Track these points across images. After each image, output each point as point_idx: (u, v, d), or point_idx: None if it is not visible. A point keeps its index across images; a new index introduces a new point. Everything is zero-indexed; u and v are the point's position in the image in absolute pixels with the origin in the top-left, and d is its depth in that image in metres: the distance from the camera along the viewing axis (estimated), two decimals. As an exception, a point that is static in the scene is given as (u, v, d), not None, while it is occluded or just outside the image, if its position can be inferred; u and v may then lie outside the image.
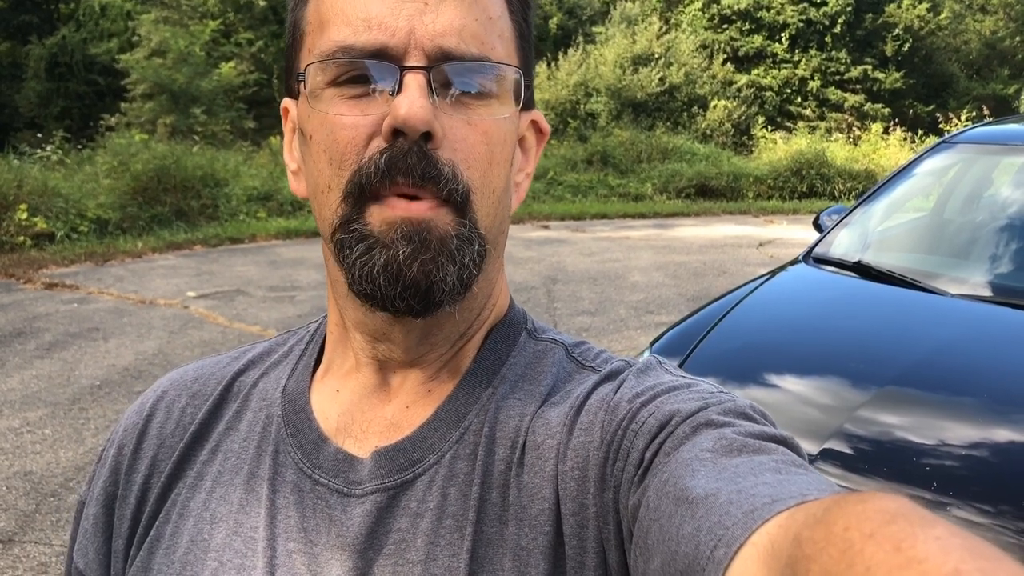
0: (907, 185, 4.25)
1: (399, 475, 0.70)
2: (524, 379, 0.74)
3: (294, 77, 0.71)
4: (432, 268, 0.65)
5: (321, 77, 0.67)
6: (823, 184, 15.88)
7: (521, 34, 0.72)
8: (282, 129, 0.78)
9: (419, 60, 0.64)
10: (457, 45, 0.65)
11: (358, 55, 0.65)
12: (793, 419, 2.63)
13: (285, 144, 0.77)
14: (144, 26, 17.15)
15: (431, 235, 0.65)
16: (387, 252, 0.65)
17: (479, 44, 0.66)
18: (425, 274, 0.65)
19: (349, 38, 0.65)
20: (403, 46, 0.64)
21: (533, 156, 0.79)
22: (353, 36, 0.65)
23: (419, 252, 0.64)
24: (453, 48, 0.65)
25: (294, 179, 0.76)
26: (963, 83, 23.75)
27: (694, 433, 0.61)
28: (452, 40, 0.65)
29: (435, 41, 0.64)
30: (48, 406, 5.16)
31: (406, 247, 0.64)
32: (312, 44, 0.68)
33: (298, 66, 0.71)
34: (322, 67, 0.66)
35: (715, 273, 9.01)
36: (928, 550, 0.35)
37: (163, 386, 0.84)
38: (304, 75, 0.68)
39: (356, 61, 0.65)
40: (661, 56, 19.84)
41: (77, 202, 10.44)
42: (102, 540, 0.79)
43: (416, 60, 0.64)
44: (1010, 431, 2.52)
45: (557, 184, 15.14)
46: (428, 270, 0.65)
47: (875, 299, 3.43)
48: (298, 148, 0.74)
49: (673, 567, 0.52)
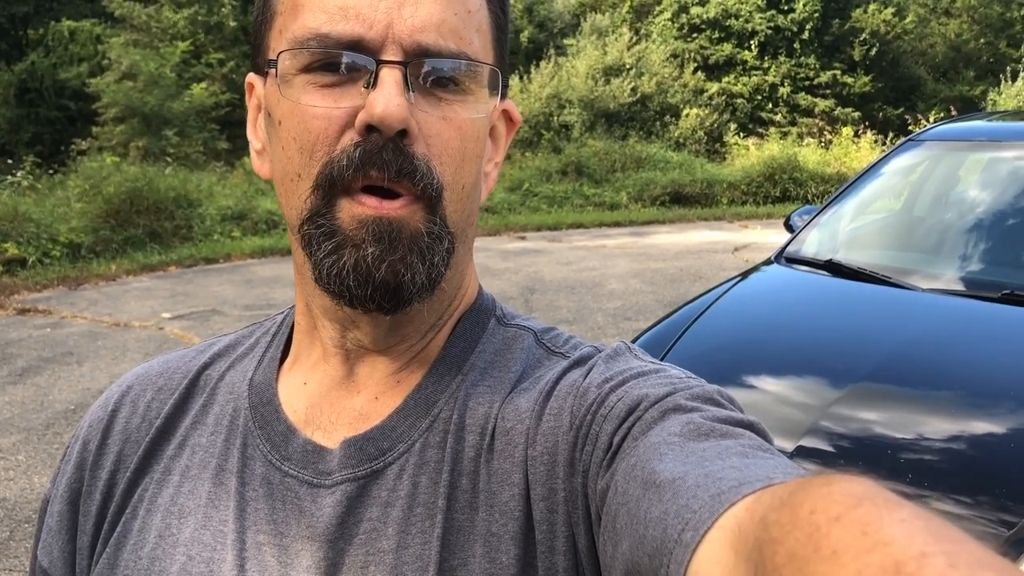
0: (876, 183, 4.29)
1: (369, 464, 0.70)
2: (493, 366, 0.74)
3: (263, 56, 0.70)
4: (401, 268, 0.65)
5: (292, 63, 0.65)
6: (796, 188, 16.00)
7: (498, 25, 0.71)
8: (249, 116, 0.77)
9: (396, 54, 0.63)
10: (435, 41, 0.64)
11: (333, 45, 0.64)
12: (768, 417, 2.64)
13: (249, 121, 0.76)
14: (114, 49, 17.08)
15: (401, 234, 0.64)
16: (356, 252, 0.64)
17: (457, 39, 0.66)
18: (394, 274, 0.64)
19: (324, 26, 0.64)
20: (380, 39, 0.63)
21: (503, 145, 0.78)
22: (329, 24, 0.64)
23: (387, 253, 0.64)
24: (431, 44, 0.64)
25: (258, 159, 0.75)
26: (930, 85, 24.02)
27: (662, 418, 0.61)
28: (431, 36, 0.64)
29: (413, 36, 0.64)
30: (21, 432, 5.09)
31: (375, 247, 0.64)
32: (284, 26, 0.67)
33: (267, 45, 0.70)
34: (294, 53, 0.65)
35: (691, 279, 9.04)
36: (894, 533, 0.35)
37: (128, 381, 0.83)
38: (276, 62, 0.66)
39: (330, 51, 0.64)
40: (632, 66, 19.96)
41: (49, 227, 10.33)
42: (67, 538, 0.78)
43: (393, 54, 0.63)
44: (984, 422, 2.54)
45: (533, 195, 15.17)
46: (397, 270, 0.65)
47: (847, 296, 3.45)
48: (264, 128, 0.73)
49: (641, 550, 0.52)
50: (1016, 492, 2.22)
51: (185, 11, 19.55)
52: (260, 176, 0.74)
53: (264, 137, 0.73)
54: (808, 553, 0.37)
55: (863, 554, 0.35)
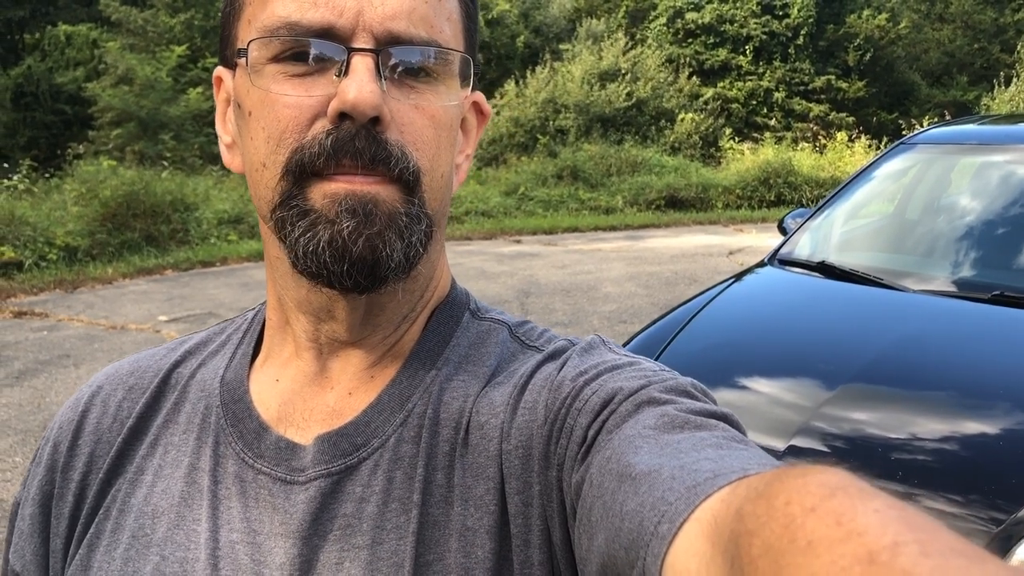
0: (869, 186, 4.31)
1: (343, 460, 0.69)
2: (468, 360, 0.74)
3: (231, 48, 0.70)
4: (379, 243, 0.64)
5: (262, 52, 0.65)
6: (791, 192, 16.03)
7: (468, 14, 0.71)
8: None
9: (367, 42, 0.63)
10: (406, 28, 0.64)
11: (303, 33, 0.63)
12: (760, 416, 2.66)
13: (218, 116, 0.75)
14: (110, 54, 17.05)
15: (377, 209, 0.64)
16: (331, 228, 0.63)
17: (428, 27, 0.65)
18: (372, 249, 0.64)
19: (294, 14, 0.63)
20: (351, 27, 0.63)
21: (474, 137, 0.78)
22: (299, 12, 0.63)
23: (363, 226, 0.63)
24: (402, 31, 0.64)
25: (228, 152, 0.75)
26: (924, 91, 24.11)
27: (637, 410, 0.61)
28: (401, 23, 0.64)
29: (384, 24, 0.63)
30: (18, 434, 5.10)
31: (350, 220, 0.63)
32: (253, 15, 0.67)
33: (235, 36, 0.69)
34: (264, 42, 0.64)
35: (686, 282, 9.06)
36: (868, 523, 0.36)
37: (98, 381, 0.81)
38: (246, 51, 0.66)
39: (301, 39, 0.63)
40: (628, 71, 19.98)
41: (45, 230, 10.31)
42: (39, 541, 0.77)
43: (364, 42, 0.63)
44: (973, 421, 2.56)
45: (528, 199, 15.17)
46: (375, 244, 0.64)
47: (839, 297, 3.47)
48: (233, 121, 0.72)
49: (617, 543, 0.52)
50: (1005, 490, 2.24)
51: (181, 15, 19.55)
52: (231, 170, 0.74)
53: (234, 130, 0.73)
54: (784, 544, 0.37)
55: (837, 544, 0.35)
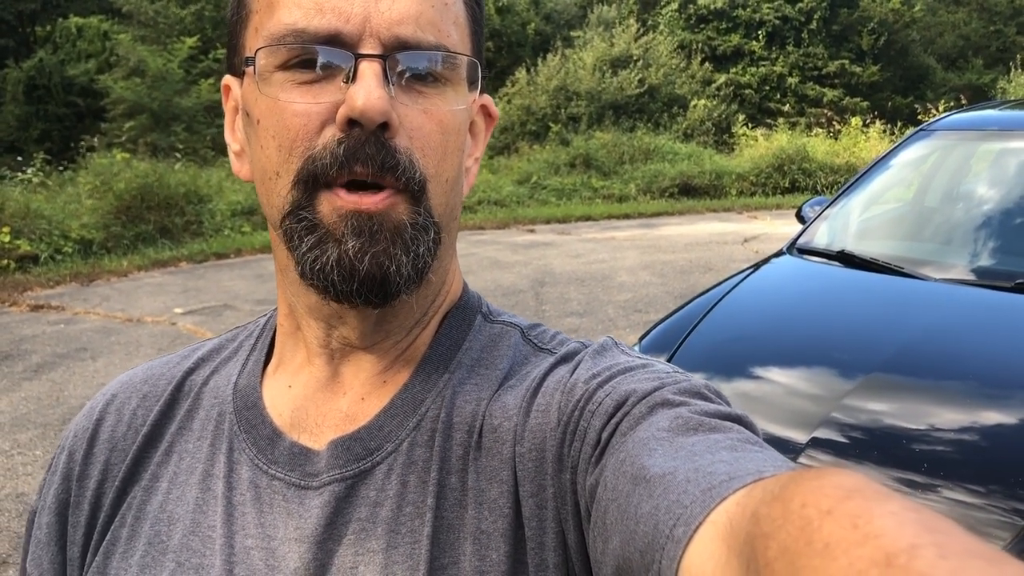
0: (887, 174, 4.27)
1: (357, 464, 0.69)
2: (480, 363, 0.74)
3: (239, 56, 0.70)
4: (385, 260, 0.64)
5: (270, 60, 0.65)
6: (805, 179, 15.94)
7: (474, 18, 0.71)
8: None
9: (374, 48, 0.63)
10: (413, 33, 0.64)
11: (310, 40, 0.63)
12: (782, 409, 2.64)
13: (227, 124, 0.76)
14: (122, 46, 17.09)
15: (383, 227, 0.64)
16: (338, 248, 0.64)
17: (435, 31, 0.65)
18: (378, 266, 0.64)
19: (300, 21, 0.63)
20: (358, 33, 0.63)
21: (482, 140, 0.78)
22: (305, 20, 0.63)
23: (368, 245, 0.64)
24: (409, 36, 0.64)
25: (237, 160, 0.75)
26: (939, 74, 23.91)
27: (650, 413, 0.61)
28: (408, 28, 0.64)
29: (391, 30, 0.63)
30: (38, 427, 5.13)
31: (355, 240, 0.64)
32: (260, 24, 0.67)
33: (242, 44, 0.69)
34: (272, 50, 0.64)
35: (701, 270, 9.03)
36: (884, 525, 0.35)
37: (112, 389, 0.82)
38: (254, 59, 0.66)
39: (308, 46, 0.63)
40: (639, 58, 19.90)
41: (60, 223, 10.38)
42: (56, 549, 0.77)
43: (371, 48, 0.63)
44: (997, 412, 2.54)
45: (541, 188, 15.15)
46: (381, 262, 0.64)
47: (859, 287, 3.44)
48: (242, 129, 0.73)
49: (632, 546, 0.52)
50: (1030, 483, 2.23)
51: (192, 7, 19.57)
52: (240, 178, 0.74)
53: (242, 138, 0.73)
54: (800, 547, 0.37)
55: (854, 547, 0.35)
